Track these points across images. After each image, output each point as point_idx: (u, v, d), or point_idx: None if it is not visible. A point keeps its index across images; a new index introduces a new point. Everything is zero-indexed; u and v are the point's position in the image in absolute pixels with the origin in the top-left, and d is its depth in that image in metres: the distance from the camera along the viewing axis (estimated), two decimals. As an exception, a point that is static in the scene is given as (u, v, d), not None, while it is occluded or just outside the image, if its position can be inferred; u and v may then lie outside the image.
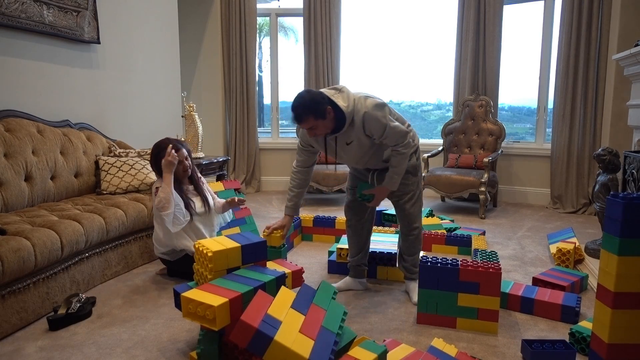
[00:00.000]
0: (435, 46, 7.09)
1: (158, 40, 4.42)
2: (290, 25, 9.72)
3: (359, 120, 2.14)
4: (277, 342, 1.48)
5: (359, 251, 2.58)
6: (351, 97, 2.14)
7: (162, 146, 2.63)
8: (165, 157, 2.54)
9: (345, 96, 2.14)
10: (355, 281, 2.59)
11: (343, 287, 2.57)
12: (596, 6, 4.36)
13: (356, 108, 2.13)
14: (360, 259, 2.58)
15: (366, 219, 2.55)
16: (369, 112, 2.12)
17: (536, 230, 3.92)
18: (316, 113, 2.06)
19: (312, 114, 2.06)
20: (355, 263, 2.58)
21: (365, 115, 2.12)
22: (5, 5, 2.84)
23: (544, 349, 1.80)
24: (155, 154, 2.64)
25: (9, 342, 2.00)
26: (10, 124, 2.84)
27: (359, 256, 2.58)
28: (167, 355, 1.90)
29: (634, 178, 2.73)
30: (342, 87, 2.20)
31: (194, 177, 2.78)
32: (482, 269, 2.06)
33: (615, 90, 4.29)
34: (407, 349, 1.78)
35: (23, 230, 2.17)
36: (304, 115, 2.07)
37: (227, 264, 1.93)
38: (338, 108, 2.11)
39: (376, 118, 2.13)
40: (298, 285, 2.13)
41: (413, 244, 2.48)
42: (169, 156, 2.54)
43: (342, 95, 2.14)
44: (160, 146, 2.65)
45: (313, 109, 2.06)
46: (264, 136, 6.14)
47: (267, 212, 4.56)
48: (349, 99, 2.13)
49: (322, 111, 2.07)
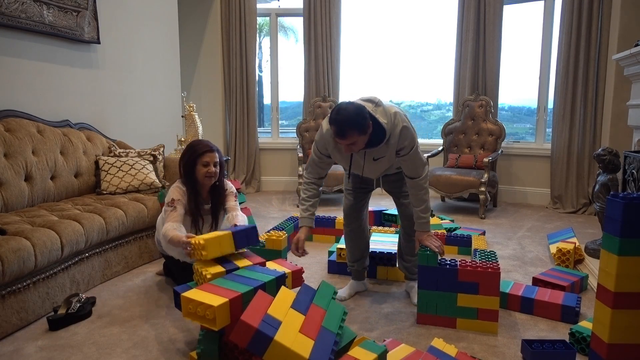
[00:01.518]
0: (435, 46, 7.09)
1: (158, 40, 4.42)
2: (290, 25, 9.72)
3: (395, 136, 2.07)
4: (277, 342, 1.48)
5: (362, 255, 2.55)
6: (388, 111, 2.06)
7: (194, 145, 2.43)
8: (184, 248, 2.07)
9: (384, 111, 2.05)
10: (359, 283, 2.58)
11: (351, 292, 2.52)
12: (596, 6, 4.36)
13: (394, 123, 2.06)
14: (363, 262, 2.57)
15: (365, 220, 2.55)
16: (406, 126, 2.08)
17: (536, 230, 3.92)
18: (360, 129, 1.96)
19: (357, 129, 1.95)
20: (358, 267, 2.56)
21: (402, 130, 2.06)
22: (5, 5, 2.84)
23: (544, 349, 1.80)
24: (184, 152, 2.42)
25: (9, 342, 2.00)
26: (10, 124, 2.84)
27: (362, 260, 2.56)
28: (167, 355, 1.90)
29: (634, 178, 2.73)
30: (377, 100, 2.09)
31: (217, 192, 2.49)
32: (481, 269, 2.06)
33: (615, 90, 4.29)
34: (407, 349, 1.78)
35: (23, 230, 2.17)
36: (349, 132, 1.95)
37: (220, 250, 1.98)
38: (378, 124, 2.02)
39: (411, 136, 2.09)
40: (298, 285, 2.13)
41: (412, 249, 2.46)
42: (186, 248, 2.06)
43: (380, 110, 2.05)
44: (192, 145, 2.43)
45: (359, 124, 1.95)
46: (264, 136, 6.14)
47: (267, 212, 4.56)
48: (387, 114, 2.05)
49: (366, 127, 1.97)
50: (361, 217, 2.50)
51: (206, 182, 2.42)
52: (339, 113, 1.96)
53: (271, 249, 2.67)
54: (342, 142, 2.01)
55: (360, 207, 2.49)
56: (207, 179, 2.41)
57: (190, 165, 2.39)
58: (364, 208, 2.51)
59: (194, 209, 2.39)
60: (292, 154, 5.73)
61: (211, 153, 2.41)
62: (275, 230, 3.00)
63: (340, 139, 2.00)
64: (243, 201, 3.54)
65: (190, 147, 2.44)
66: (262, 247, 2.70)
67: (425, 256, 2.13)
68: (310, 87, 5.49)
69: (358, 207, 2.48)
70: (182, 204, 2.36)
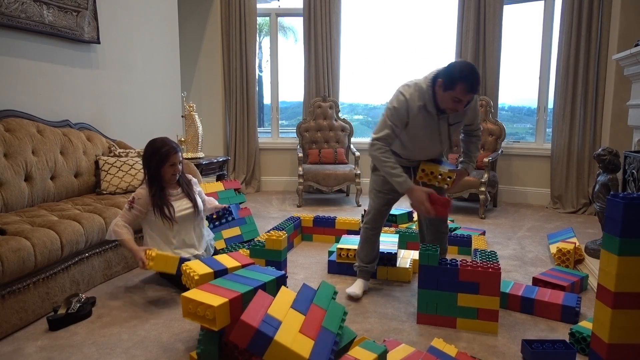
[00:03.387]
0: (435, 46, 7.09)
1: (158, 40, 4.42)
2: (289, 25, 9.72)
3: (473, 99, 2.23)
4: (277, 342, 1.48)
5: (376, 256, 2.57)
6: None
7: (159, 148, 2.50)
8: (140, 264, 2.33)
9: None
10: (366, 283, 2.58)
11: (363, 289, 2.52)
12: (596, 6, 4.36)
13: None
14: (375, 263, 2.59)
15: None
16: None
17: (536, 230, 3.92)
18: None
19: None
20: (371, 268, 2.57)
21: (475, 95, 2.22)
22: (5, 5, 2.83)
23: (544, 349, 1.80)
24: (149, 155, 2.51)
25: (9, 342, 2.00)
26: (10, 124, 2.84)
27: (375, 261, 2.58)
28: (167, 355, 1.90)
29: (634, 178, 2.73)
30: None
31: (182, 180, 2.65)
32: (481, 269, 2.06)
33: (615, 90, 4.29)
34: (407, 349, 1.78)
35: (23, 230, 2.17)
36: (478, 87, 2.11)
37: (164, 267, 2.34)
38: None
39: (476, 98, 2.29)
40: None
41: (443, 241, 2.53)
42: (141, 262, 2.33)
43: None
44: (156, 147, 2.51)
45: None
46: (264, 136, 6.13)
47: (267, 212, 4.55)
48: None
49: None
50: (385, 219, 2.53)
51: (172, 179, 2.58)
52: (472, 70, 2.07)
53: (271, 249, 2.67)
54: (467, 97, 2.09)
55: (388, 209, 2.51)
56: (173, 177, 2.57)
57: (157, 167, 2.50)
58: (389, 211, 2.54)
59: (159, 201, 2.50)
60: (292, 154, 5.73)
61: (176, 154, 2.54)
62: (275, 230, 3.00)
63: (470, 94, 2.09)
64: (243, 201, 3.54)
65: (156, 151, 2.50)
66: (262, 247, 2.70)
67: (425, 256, 2.13)
68: (310, 87, 5.49)
69: (387, 209, 2.49)
70: (142, 203, 2.50)
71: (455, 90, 2.08)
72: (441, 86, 2.12)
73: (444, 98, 2.14)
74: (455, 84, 2.06)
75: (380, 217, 2.49)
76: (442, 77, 2.11)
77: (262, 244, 2.72)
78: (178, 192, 2.63)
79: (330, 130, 5.34)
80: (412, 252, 2.99)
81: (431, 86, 2.17)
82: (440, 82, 2.12)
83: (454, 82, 2.07)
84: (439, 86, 2.13)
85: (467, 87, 2.06)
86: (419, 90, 2.18)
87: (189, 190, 2.67)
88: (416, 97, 2.18)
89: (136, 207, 2.50)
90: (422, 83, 2.19)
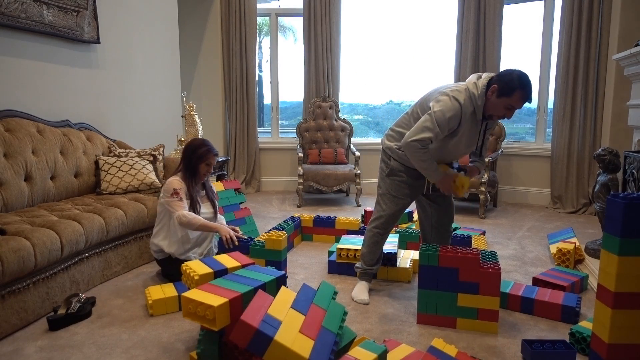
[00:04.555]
0: (435, 46, 7.08)
1: (158, 40, 4.42)
2: (289, 25, 9.72)
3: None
4: (277, 342, 1.48)
5: (380, 259, 2.57)
6: None
7: (199, 146, 2.63)
8: (227, 239, 2.57)
9: None
10: (368, 285, 2.57)
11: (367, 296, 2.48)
12: (596, 6, 4.36)
13: None
14: (379, 265, 2.59)
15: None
16: None
17: (536, 230, 3.92)
18: None
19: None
20: (375, 270, 2.57)
21: None
22: (5, 5, 2.83)
23: (544, 349, 1.80)
24: (192, 150, 2.63)
25: (8, 342, 2.00)
26: (10, 124, 2.84)
27: (380, 263, 2.58)
28: (167, 355, 1.90)
29: (634, 178, 2.73)
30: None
31: (208, 184, 2.80)
32: (481, 269, 2.05)
33: (615, 90, 4.29)
34: (407, 349, 1.78)
35: (23, 230, 2.17)
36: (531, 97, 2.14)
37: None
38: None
39: None
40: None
41: (449, 240, 2.55)
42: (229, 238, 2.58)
43: None
44: (197, 144, 2.64)
45: None
46: (264, 136, 6.13)
47: (267, 212, 4.55)
48: None
49: None
50: (395, 223, 2.52)
51: (202, 178, 2.73)
52: (529, 79, 2.11)
53: (271, 249, 2.67)
54: (520, 105, 2.14)
55: (401, 214, 2.50)
56: (204, 176, 2.72)
57: (196, 162, 2.64)
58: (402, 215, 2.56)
59: (194, 196, 2.65)
60: (292, 154, 5.73)
61: (215, 157, 2.69)
62: (275, 230, 3.00)
63: (524, 102, 2.13)
64: (243, 201, 3.54)
65: (200, 146, 2.65)
66: (262, 247, 2.70)
67: (425, 256, 2.13)
68: (310, 87, 5.49)
69: (400, 214, 2.48)
70: (183, 192, 2.60)
71: (511, 98, 2.09)
72: (495, 92, 2.12)
73: (496, 104, 2.14)
74: (514, 91, 2.08)
75: (393, 222, 2.48)
76: (498, 83, 2.11)
77: (262, 244, 2.72)
78: (202, 194, 2.76)
79: (330, 130, 5.34)
80: (412, 252, 2.99)
81: (485, 92, 2.16)
82: (495, 87, 2.11)
83: (512, 89, 2.08)
84: (492, 92, 2.13)
85: (524, 95, 2.09)
86: (471, 96, 2.16)
87: (212, 196, 2.80)
88: (468, 103, 2.16)
89: (183, 196, 2.58)
90: (473, 88, 2.16)
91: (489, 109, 2.17)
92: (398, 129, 2.40)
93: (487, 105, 2.17)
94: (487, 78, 2.17)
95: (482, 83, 2.16)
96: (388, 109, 8.55)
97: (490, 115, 2.21)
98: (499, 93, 2.11)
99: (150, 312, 2.26)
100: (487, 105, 2.17)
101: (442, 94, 2.18)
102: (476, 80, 2.19)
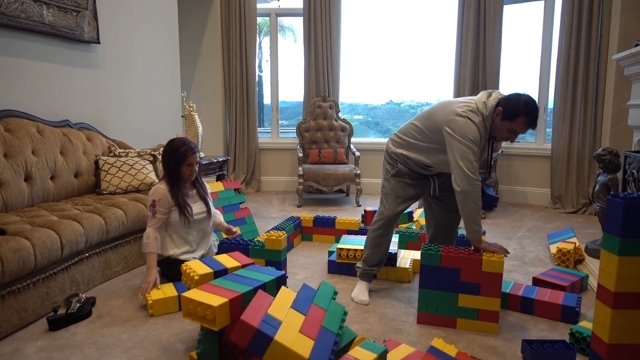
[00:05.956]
0: (435, 46, 7.09)
1: (158, 40, 4.42)
2: (289, 25, 9.72)
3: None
4: (277, 342, 1.48)
5: (383, 258, 2.55)
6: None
7: (178, 147, 2.50)
8: (145, 290, 2.35)
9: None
10: (369, 285, 2.57)
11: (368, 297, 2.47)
12: (596, 6, 4.36)
13: None
14: (381, 265, 2.58)
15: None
16: None
17: (536, 230, 3.92)
18: None
19: None
20: (376, 271, 2.56)
21: None
22: (5, 5, 2.83)
23: (544, 349, 1.80)
24: (168, 154, 2.52)
25: (8, 342, 2.00)
26: (10, 124, 2.84)
27: (382, 263, 2.57)
28: (167, 355, 1.90)
29: (634, 178, 2.73)
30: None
31: (198, 182, 2.67)
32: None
33: (615, 90, 4.29)
34: (407, 349, 1.78)
35: (23, 230, 2.17)
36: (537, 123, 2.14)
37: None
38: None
39: None
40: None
41: (454, 240, 2.54)
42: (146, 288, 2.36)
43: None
44: (175, 146, 2.51)
45: None
46: (264, 136, 6.13)
47: (267, 212, 4.55)
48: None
49: None
50: (396, 223, 2.52)
51: (189, 179, 2.59)
52: (536, 106, 2.10)
53: (271, 249, 2.67)
54: (523, 130, 2.13)
55: (402, 214, 2.50)
56: (190, 177, 2.57)
57: (175, 166, 2.51)
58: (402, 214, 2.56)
59: (181, 202, 2.52)
60: (292, 154, 5.73)
61: (194, 155, 2.54)
62: (275, 230, 3.00)
63: (528, 128, 2.13)
64: (243, 201, 3.54)
65: (175, 150, 2.52)
66: (262, 247, 2.70)
67: (426, 256, 2.13)
68: (310, 87, 5.49)
69: (401, 214, 2.48)
70: (163, 204, 2.48)
71: (514, 122, 2.10)
72: (500, 114, 2.12)
73: (500, 127, 2.15)
74: (518, 116, 2.08)
75: (394, 222, 2.48)
76: (504, 106, 2.11)
77: (262, 244, 2.72)
78: (193, 193, 2.64)
79: (330, 130, 5.34)
80: (412, 252, 2.99)
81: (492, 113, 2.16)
82: (500, 110, 2.11)
83: (516, 114, 2.08)
84: (497, 114, 2.13)
85: (528, 120, 2.09)
86: (482, 116, 2.15)
87: (204, 194, 2.67)
88: (481, 126, 2.15)
89: (159, 210, 2.47)
90: (483, 108, 2.15)
91: (493, 130, 2.19)
92: (405, 137, 2.39)
93: (491, 126, 2.18)
94: (496, 99, 2.15)
95: (491, 104, 2.15)
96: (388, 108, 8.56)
97: (494, 137, 2.22)
98: (503, 116, 2.11)
99: (150, 312, 2.26)
100: (492, 126, 2.18)
101: (456, 114, 2.14)
102: (486, 99, 2.18)
